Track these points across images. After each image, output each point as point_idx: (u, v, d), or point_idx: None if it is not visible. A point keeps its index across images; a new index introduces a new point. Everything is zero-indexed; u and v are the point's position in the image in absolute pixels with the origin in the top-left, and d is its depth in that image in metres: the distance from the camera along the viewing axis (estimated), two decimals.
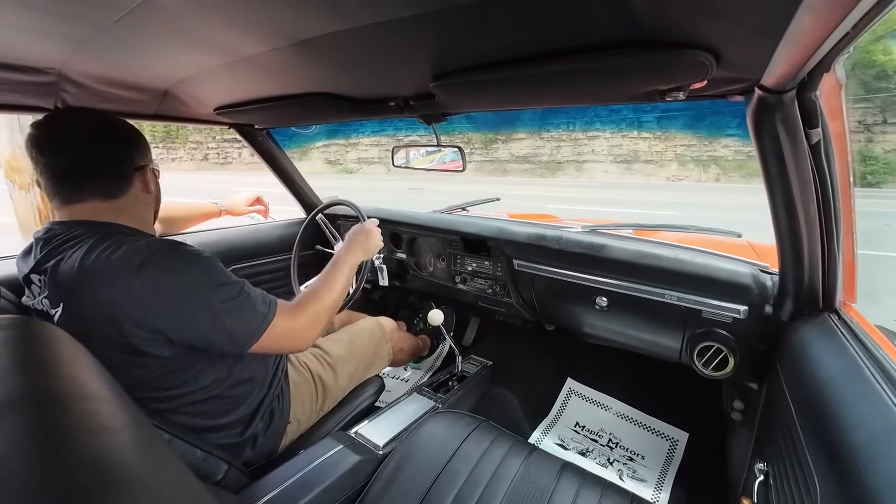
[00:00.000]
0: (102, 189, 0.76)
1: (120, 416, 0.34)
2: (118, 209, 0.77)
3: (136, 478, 0.30)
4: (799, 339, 0.76)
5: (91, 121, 0.77)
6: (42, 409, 0.31)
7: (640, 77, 0.64)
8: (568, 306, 1.27)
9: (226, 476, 0.76)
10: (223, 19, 0.60)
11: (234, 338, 0.73)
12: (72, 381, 0.35)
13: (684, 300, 1.01)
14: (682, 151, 16.14)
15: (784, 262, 0.80)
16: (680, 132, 15.98)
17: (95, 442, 0.30)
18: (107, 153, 0.76)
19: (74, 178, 0.74)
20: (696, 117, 15.75)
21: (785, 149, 0.63)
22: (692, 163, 15.89)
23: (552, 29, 0.55)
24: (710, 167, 15.57)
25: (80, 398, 0.34)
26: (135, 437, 0.34)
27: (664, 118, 15.64)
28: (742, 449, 0.99)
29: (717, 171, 15.37)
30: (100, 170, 0.75)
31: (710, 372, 1.01)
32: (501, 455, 0.89)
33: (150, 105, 1.09)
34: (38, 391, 0.33)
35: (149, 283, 0.66)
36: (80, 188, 0.74)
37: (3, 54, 0.75)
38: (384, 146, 18.44)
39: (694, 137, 16.04)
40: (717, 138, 15.61)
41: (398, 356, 1.42)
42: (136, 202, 0.80)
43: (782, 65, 0.50)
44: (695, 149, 16.08)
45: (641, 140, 15.82)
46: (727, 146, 15.71)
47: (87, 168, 0.74)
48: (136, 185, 0.80)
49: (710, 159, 15.76)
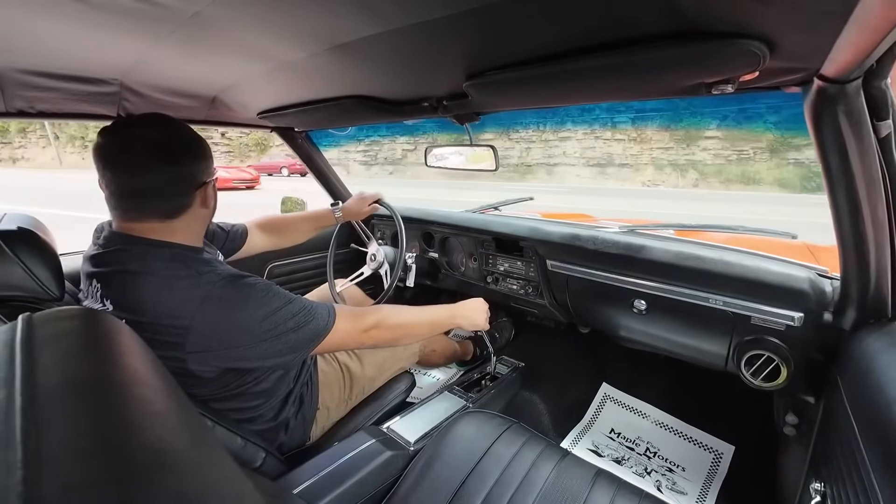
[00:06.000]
0: (163, 210, 0.74)
1: (170, 404, 0.37)
2: (175, 228, 0.75)
3: (185, 460, 0.32)
4: (864, 351, 0.69)
5: (156, 134, 0.73)
6: (103, 393, 0.34)
7: (683, 70, 0.60)
8: (604, 309, 1.23)
9: (264, 463, 0.80)
10: (266, 28, 0.62)
11: (294, 349, 0.76)
12: (130, 369, 0.38)
13: (731, 305, 0.95)
14: (659, 155, 15.53)
15: (847, 267, 0.73)
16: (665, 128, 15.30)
17: (149, 425, 0.33)
18: (171, 173, 0.73)
19: (136, 197, 0.72)
20: (673, 118, 14.92)
21: (849, 143, 0.58)
22: (669, 167, 15.31)
23: (589, 23, 0.53)
24: (688, 172, 14.95)
25: (137, 385, 0.36)
26: (184, 422, 0.36)
27: (638, 118, 14.93)
28: (795, 467, 0.92)
29: (695, 175, 14.79)
30: (162, 191, 0.73)
31: (760, 382, 0.95)
32: (533, 458, 0.87)
33: (200, 111, 1.16)
34: (101, 377, 0.36)
35: (210, 320, 0.68)
36: (140, 208, 0.73)
37: (72, 67, 0.83)
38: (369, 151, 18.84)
39: (671, 140, 15.28)
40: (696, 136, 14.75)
41: (430, 356, 1.43)
42: (193, 219, 0.78)
43: (847, 52, 0.46)
44: (672, 152, 15.42)
45: (616, 142, 15.19)
46: (706, 149, 14.99)
47: (150, 189, 0.72)
48: (196, 203, 0.77)
49: (689, 163, 15.10)
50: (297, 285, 1.76)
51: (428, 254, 1.68)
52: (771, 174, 14.54)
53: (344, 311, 0.82)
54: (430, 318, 0.98)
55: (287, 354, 0.76)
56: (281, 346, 0.73)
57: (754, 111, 14.55)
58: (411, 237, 1.72)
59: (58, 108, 1.01)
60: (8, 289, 0.68)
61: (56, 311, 0.41)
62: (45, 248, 0.75)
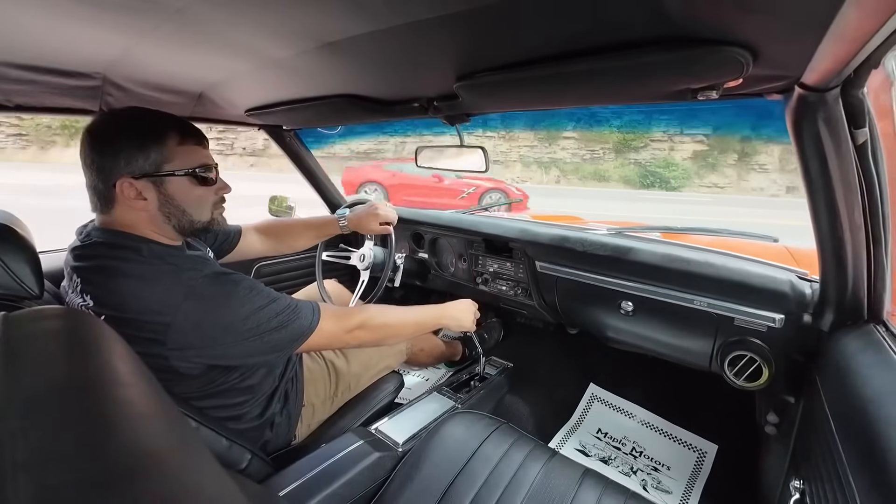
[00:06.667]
0: (95, 200, 0.74)
1: (153, 405, 0.36)
2: (128, 222, 0.74)
3: (167, 463, 0.31)
4: (841, 351, 0.71)
5: (100, 124, 0.72)
6: (84, 394, 0.33)
7: (670, 75, 0.61)
8: (591, 310, 1.24)
9: (249, 465, 0.79)
10: (253, 24, 0.62)
11: (277, 348, 0.75)
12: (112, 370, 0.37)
13: (715, 307, 0.97)
14: (526, 153, 16.17)
15: (825, 269, 0.76)
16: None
17: (130, 428, 0.32)
18: (93, 162, 0.71)
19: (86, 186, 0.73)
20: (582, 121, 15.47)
21: (828, 150, 0.59)
22: (535, 164, 15.93)
23: (578, 27, 0.54)
24: (550, 169, 15.71)
25: (119, 386, 0.36)
26: (166, 424, 0.35)
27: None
28: (776, 464, 0.95)
29: (557, 173, 15.51)
30: (91, 182, 0.72)
31: (743, 382, 0.97)
32: (521, 458, 0.88)
33: (186, 107, 1.14)
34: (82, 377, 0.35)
35: (191, 318, 0.67)
36: (90, 198, 0.74)
37: (54, 60, 0.80)
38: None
39: (535, 139, 16.08)
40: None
41: (417, 355, 1.43)
42: (131, 213, 0.74)
43: (826, 61, 0.48)
44: (537, 150, 16.13)
45: (487, 139, 15.74)
46: (565, 149, 15.83)
47: (87, 178, 0.72)
48: (121, 195, 0.71)
49: (551, 161, 15.84)
50: (285, 285, 1.75)
51: (417, 254, 1.68)
52: (617, 172, 15.71)
53: (329, 311, 0.82)
54: (416, 319, 0.98)
55: (270, 353, 0.75)
56: (263, 345, 0.73)
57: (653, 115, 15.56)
58: (400, 237, 1.71)
59: (37, 102, 0.98)
60: None
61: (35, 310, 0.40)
62: (24, 245, 0.73)
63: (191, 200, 0.76)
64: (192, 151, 0.76)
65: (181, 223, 0.77)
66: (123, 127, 0.72)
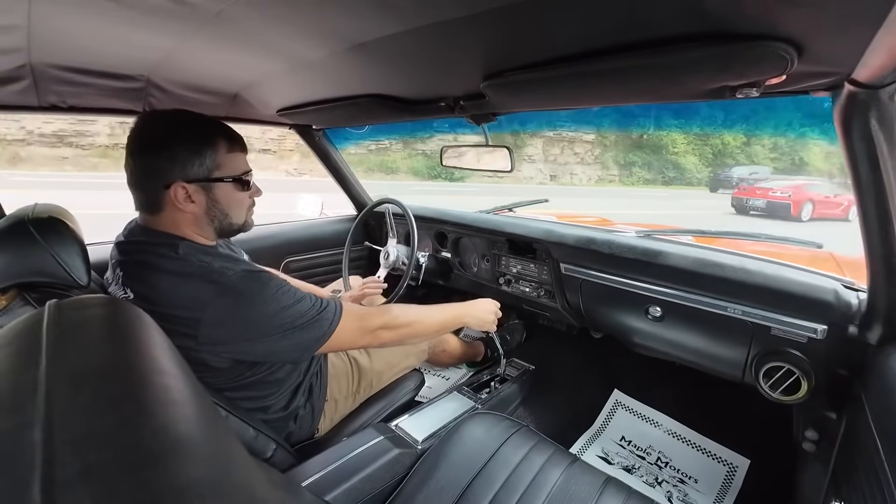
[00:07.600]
0: (140, 202, 0.77)
1: (188, 393, 0.38)
2: (171, 223, 0.77)
3: (200, 448, 0.33)
4: (891, 367, 0.67)
5: (146, 126, 0.76)
6: (124, 380, 0.35)
7: (708, 73, 0.59)
8: (617, 314, 1.21)
9: (274, 454, 0.81)
10: (287, 27, 0.64)
11: (301, 346, 0.77)
12: (150, 357, 0.39)
13: (750, 315, 0.93)
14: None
15: (875, 279, 0.71)
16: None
17: (166, 412, 0.34)
18: (142, 165, 0.74)
19: (130, 187, 0.76)
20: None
21: (880, 151, 0.56)
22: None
23: (611, 24, 0.52)
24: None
25: (156, 373, 0.37)
26: (200, 411, 0.37)
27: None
28: (815, 484, 0.89)
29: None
30: (137, 183, 0.76)
31: (779, 395, 0.92)
32: (541, 462, 0.87)
33: (222, 108, 1.19)
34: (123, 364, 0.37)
35: (221, 314, 0.70)
36: (135, 199, 0.77)
37: (103, 62, 0.85)
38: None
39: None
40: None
41: (440, 356, 1.44)
42: (178, 216, 0.77)
43: (880, 56, 0.45)
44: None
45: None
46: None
47: (130, 180, 0.76)
48: (170, 200, 0.74)
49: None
50: (314, 280, 1.79)
51: (441, 253, 1.68)
52: (405, 164, 15.29)
53: (353, 311, 0.83)
54: (439, 318, 0.98)
55: (293, 352, 0.77)
56: (287, 344, 0.75)
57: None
58: (424, 236, 1.72)
59: (87, 103, 1.05)
60: (37, 275, 0.71)
61: (82, 298, 0.43)
62: (74, 237, 0.77)
63: (233, 204, 0.81)
64: (238, 158, 0.81)
65: (222, 225, 0.81)
66: (178, 131, 0.75)
